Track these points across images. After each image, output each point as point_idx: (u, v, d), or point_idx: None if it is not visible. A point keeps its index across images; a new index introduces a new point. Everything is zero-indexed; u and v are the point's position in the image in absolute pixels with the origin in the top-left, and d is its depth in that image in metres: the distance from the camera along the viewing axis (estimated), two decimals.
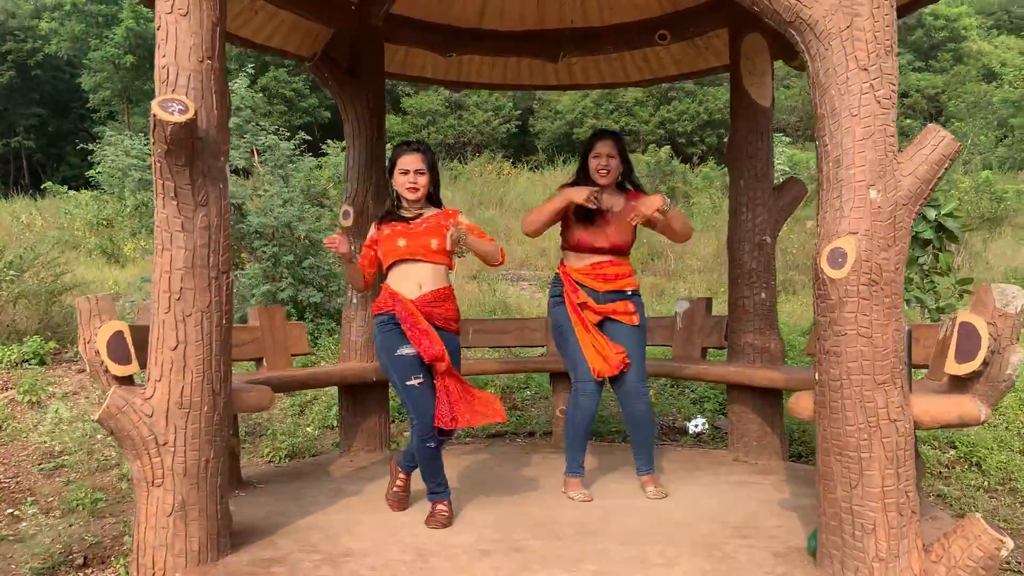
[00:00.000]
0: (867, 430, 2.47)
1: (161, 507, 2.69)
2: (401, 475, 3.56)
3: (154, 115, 2.54)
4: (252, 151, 10.24)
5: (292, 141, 10.80)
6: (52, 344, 7.90)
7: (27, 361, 7.50)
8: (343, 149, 12.73)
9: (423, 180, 3.46)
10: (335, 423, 6.17)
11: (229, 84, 10.35)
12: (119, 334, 2.87)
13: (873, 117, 2.48)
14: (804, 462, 5.00)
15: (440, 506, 3.31)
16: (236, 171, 9.83)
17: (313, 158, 11.68)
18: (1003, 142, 24.56)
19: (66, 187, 18.87)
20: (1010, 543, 2.40)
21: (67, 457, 5.41)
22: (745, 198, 4.53)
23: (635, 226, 3.84)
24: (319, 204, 10.87)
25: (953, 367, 2.70)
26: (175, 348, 2.71)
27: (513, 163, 23.91)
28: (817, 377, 2.63)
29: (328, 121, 29.19)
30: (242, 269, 9.13)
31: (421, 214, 3.52)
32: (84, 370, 7.42)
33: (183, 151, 2.63)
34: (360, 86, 4.77)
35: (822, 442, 2.60)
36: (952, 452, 5.21)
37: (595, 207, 3.70)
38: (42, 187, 19.45)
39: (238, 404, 3.08)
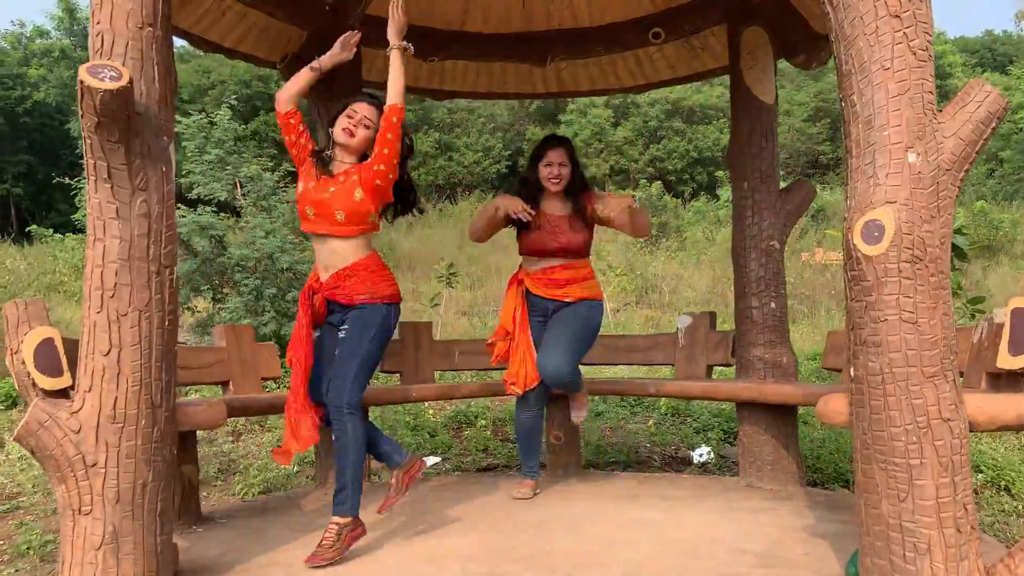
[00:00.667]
0: (916, 432, 2.10)
1: (89, 539, 2.28)
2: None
3: (81, 81, 2.21)
4: (235, 183, 9.95)
5: (276, 172, 10.53)
6: None
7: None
8: None
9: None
10: (313, 458, 5.77)
11: (212, 117, 10.17)
12: (48, 341, 2.48)
13: (909, 70, 2.16)
14: (823, 489, 4.62)
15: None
16: (218, 204, 9.53)
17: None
18: (993, 175, 24.65)
19: (51, 231, 18.58)
20: None
21: (23, 498, 5.01)
22: (750, 201, 4.21)
23: (591, 225, 3.89)
24: (304, 237, 10.55)
25: (1006, 360, 2.34)
26: (107, 353, 2.33)
27: None
28: (852, 374, 2.27)
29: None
30: (223, 303, 8.78)
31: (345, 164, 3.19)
32: None
33: (116, 125, 2.28)
34: (335, 94, 4.45)
35: (862, 448, 2.23)
36: (979, 476, 4.84)
37: (527, 220, 3.74)
38: (27, 230, 19.14)
39: (185, 420, 2.69)
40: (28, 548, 4.13)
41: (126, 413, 2.33)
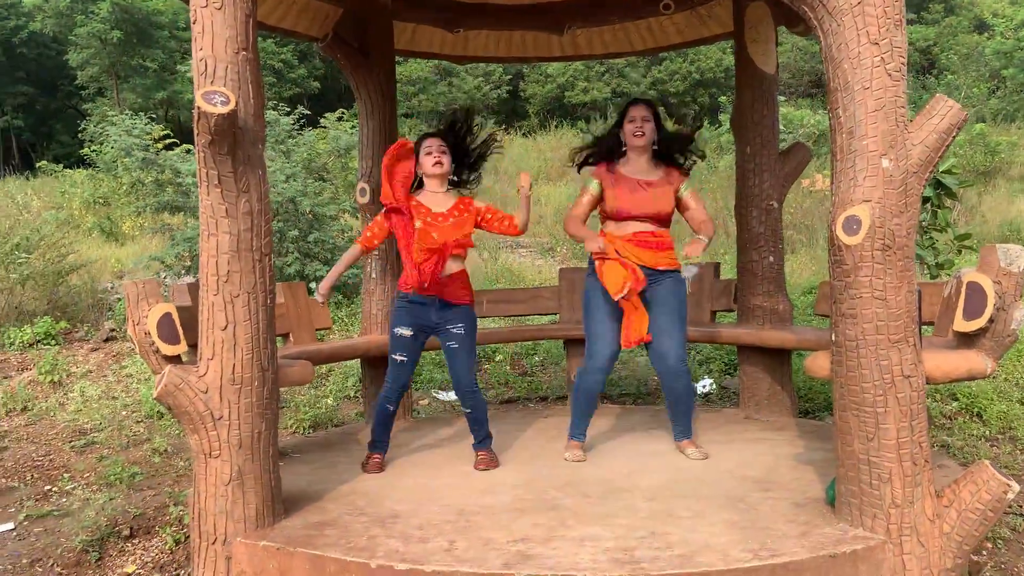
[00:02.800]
0: (882, 386, 2.64)
1: (219, 477, 2.85)
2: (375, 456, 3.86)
3: (198, 107, 2.65)
4: None
5: (292, 115, 10.86)
6: (63, 324, 8.04)
7: (40, 342, 7.64)
8: (338, 119, 12.86)
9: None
10: (352, 393, 6.35)
11: None
12: (168, 315, 3.01)
13: (884, 89, 2.61)
14: (812, 418, 5.20)
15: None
16: None
17: (312, 129, 11.75)
18: (995, 94, 24.55)
19: (60, 166, 18.82)
20: (1016, 487, 2.58)
21: (97, 434, 5.57)
22: (752, 164, 4.66)
23: (674, 198, 3.90)
24: (320, 178, 10.95)
25: (961, 324, 2.86)
26: (225, 328, 2.85)
27: (505, 129, 23.90)
28: (833, 338, 2.79)
29: (317, 92, 29.07)
30: None
31: (441, 197, 3.84)
32: (98, 349, 7.58)
33: (226, 141, 2.75)
34: (371, 66, 4.86)
35: (839, 399, 2.77)
36: (954, 404, 5.41)
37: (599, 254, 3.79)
38: (36, 166, 19.40)
39: (283, 379, 3.23)
40: (116, 479, 4.70)
41: (242, 376, 2.87)
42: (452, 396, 6.24)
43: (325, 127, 12.49)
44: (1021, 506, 3.89)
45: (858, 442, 2.70)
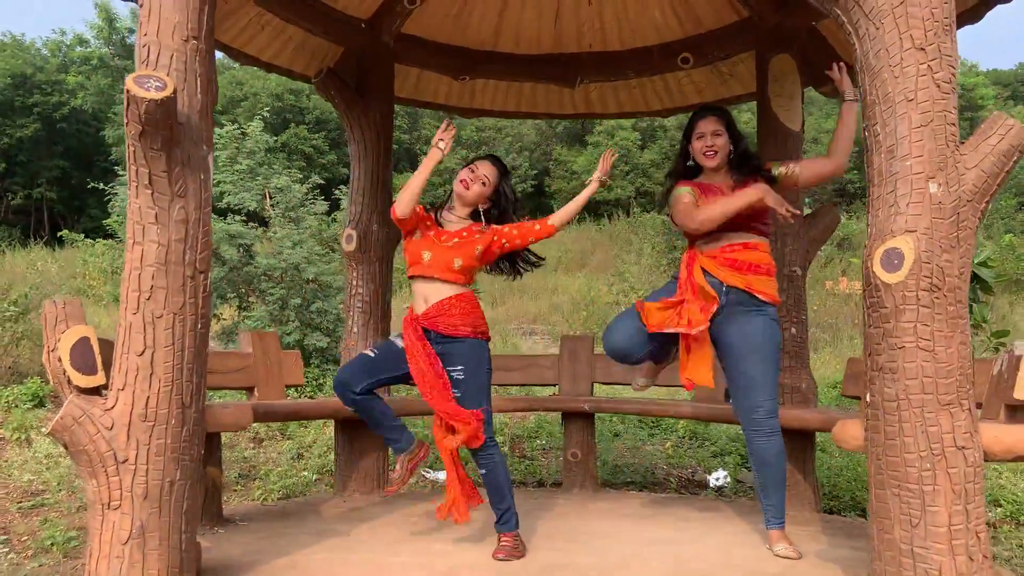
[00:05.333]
0: (930, 459, 2.12)
1: (117, 533, 2.35)
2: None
3: (127, 90, 2.30)
4: (265, 194, 10.12)
5: (305, 184, 10.69)
6: (51, 387, 7.69)
7: (24, 402, 7.29)
8: None
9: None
10: (333, 468, 5.83)
11: (245, 128, 10.36)
12: (84, 340, 2.57)
13: (932, 102, 2.20)
14: (837, 515, 4.61)
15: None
16: (248, 214, 9.69)
17: (325, 202, 11.55)
18: (1023, 209, 24.41)
19: (83, 235, 18.87)
20: None
21: (48, 495, 5.11)
22: (774, 228, 4.23)
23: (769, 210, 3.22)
24: (330, 248, 10.68)
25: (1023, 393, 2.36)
26: (142, 353, 2.41)
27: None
28: (868, 399, 2.30)
29: (347, 177, 29.42)
30: (249, 312, 8.91)
31: (456, 222, 3.35)
32: None
33: (159, 133, 2.37)
34: (368, 107, 4.56)
35: (876, 474, 2.25)
36: (998, 510, 4.81)
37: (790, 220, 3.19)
38: (59, 235, 19.45)
39: (213, 422, 2.76)
40: (52, 544, 4.23)
41: (157, 412, 2.40)
42: (440, 476, 5.70)
43: (339, 199, 12.36)
44: None
45: (899, 528, 2.16)
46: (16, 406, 7.11)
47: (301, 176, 11.53)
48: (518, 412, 5.56)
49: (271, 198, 10.14)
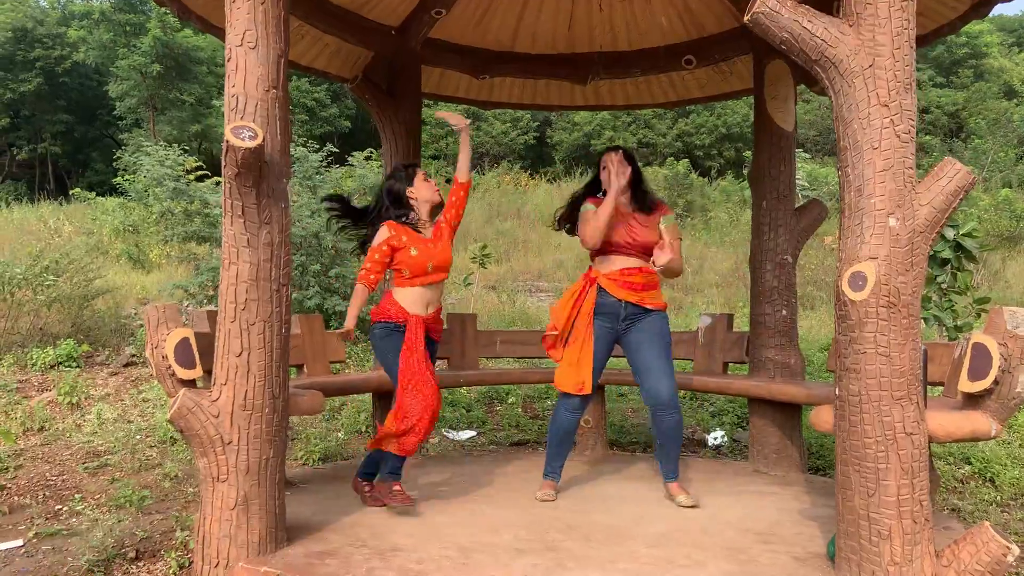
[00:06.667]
0: (884, 443, 2.65)
1: (225, 501, 2.90)
2: (366, 485, 3.83)
3: (227, 141, 2.76)
4: None
5: (320, 153, 11.08)
6: (85, 347, 8.17)
7: (61, 364, 7.76)
8: (366, 159, 13.09)
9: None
10: (364, 428, 6.39)
11: None
12: (185, 340, 3.09)
13: (893, 150, 2.67)
14: (822, 475, 5.16)
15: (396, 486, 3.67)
16: None
17: (340, 167, 11.96)
18: (1022, 160, 24.54)
19: (93, 193, 19.20)
20: (1016, 550, 2.57)
21: (110, 456, 5.63)
22: (767, 219, 4.72)
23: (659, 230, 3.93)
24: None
25: (966, 385, 2.88)
26: (240, 354, 2.92)
27: (531, 174, 24.15)
28: (837, 392, 2.81)
29: (348, 131, 29.56)
30: None
31: (429, 224, 3.91)
32: (117, 373, 7.69)
33: (251, 174, 2.85)
34: (398, 107, 5.00)
35: (841, 453, 2.78)
36: (967, 468, 5.35)
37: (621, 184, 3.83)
38: (70, 193, 19.77)
39: (294, 408, 3.29)
40: (126, 501, 4.75)
41: (254, 402, 2.93)
42: (463, 436, 6.26)
43: (352, 165, 12.72)
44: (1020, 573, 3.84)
45: (859, 497, 2.71)
46: (52, 368, 7.60)
47: (308, 140, 11.89)
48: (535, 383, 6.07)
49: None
